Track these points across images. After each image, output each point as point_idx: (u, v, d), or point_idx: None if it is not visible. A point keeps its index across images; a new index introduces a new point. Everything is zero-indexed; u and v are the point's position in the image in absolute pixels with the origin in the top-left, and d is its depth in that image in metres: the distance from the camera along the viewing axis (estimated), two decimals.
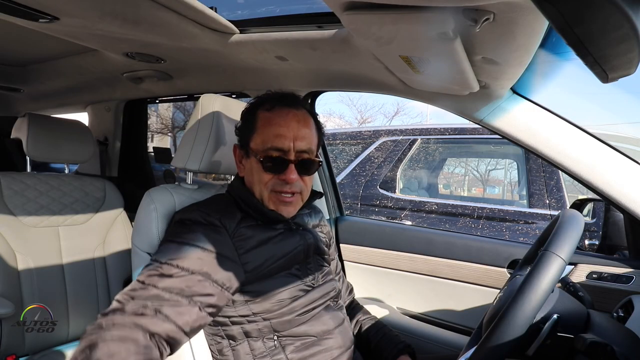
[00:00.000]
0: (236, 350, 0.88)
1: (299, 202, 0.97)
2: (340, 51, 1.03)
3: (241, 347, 0.88)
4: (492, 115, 1.07)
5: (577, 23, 0.33)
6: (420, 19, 0.64)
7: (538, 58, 0.82)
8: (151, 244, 0.94)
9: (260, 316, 0.88)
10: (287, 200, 0.93)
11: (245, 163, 0.98)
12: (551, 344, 0.67)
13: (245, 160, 0.97)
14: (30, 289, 1.37)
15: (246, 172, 0.98)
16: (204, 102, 1.08)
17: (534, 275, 0.62)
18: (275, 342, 0.88)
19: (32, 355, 1.34)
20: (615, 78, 0.43)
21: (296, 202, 0.96)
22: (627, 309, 0.89)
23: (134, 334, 0.67)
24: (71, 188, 1.57)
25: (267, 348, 0.88)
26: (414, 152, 3.32)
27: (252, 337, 0.88)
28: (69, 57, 1.52)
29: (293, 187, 0.92)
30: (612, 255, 1.34)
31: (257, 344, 0.88)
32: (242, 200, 0.95)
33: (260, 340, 0.88)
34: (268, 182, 0.92)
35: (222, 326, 0.89)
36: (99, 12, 0.93)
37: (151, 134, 10.53)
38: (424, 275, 1.51)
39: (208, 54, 1.22)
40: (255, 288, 0.88)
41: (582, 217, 0.71)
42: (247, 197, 0.94)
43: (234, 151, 1.01)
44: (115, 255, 1.62)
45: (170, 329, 0.72)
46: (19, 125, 1.50)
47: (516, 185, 4.66)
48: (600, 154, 0.98)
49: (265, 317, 0.88)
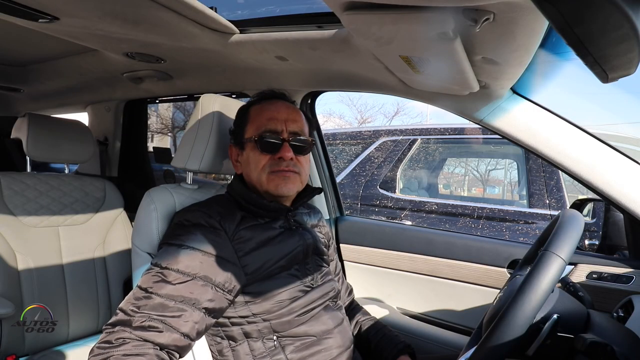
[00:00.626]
0: (236, 351, 0.88)
1: (298, 182, 0.97)
2: (340, 51, 1.03)
3: (241, 348, 0.88)
4: (492, 115, 1.07)
5: (577, 23, 0.33)
6: (420, 19, 0.64)
7: (538, 58, 0.82)
8: (151, 244, 0.94)
9: (260, 317, 0.88)
10: (286, 175, 0.94)
11: (241, 158, 0.99)
12: (551, 344, 0.67)
13: (241, 155, 0.99)
14: (30, 289, 1.37)
15: (243, 167, 0.99)
16: (204, 102, 1.08)
17: (534, 275, 0.62)
18: (275, 342, 0.89)
19: (32, 355, 1.34)
20: (615, 78, 0.43)
21: (295, 180, 0.96)
22: (627, 309, 0.89)
23: (144, 349, 0.68)
24: (71, 188, 1.57)
25: (266, 348, 0.88)
26: (414, 152, 3.32)
27: (252, 338, 0.88)
28: (69, 57, 1.52)
29: (290, 165, 0.94)
30: (612, 255, 1.34)
31: (257, 345, 0.88)
32: (242, 197, 0.95)
33: (260, 340, 0.88)
34: (265, 164, 0.94)
35: (222, 327, 0.89)
36: (99, 12, 0.93)
37: (151, 134, 10.53)
38: (424, 275, 1.51)
39: (208, 54, 1.22)
40: (255, 289, 0.88)
41: (582, 217, 0.71)
42: (246, 193, 0.95)
43: (230, 152, 1.03)
44: (115, 255, 1.62)
45: (177, 338, 0.73)
46: (19, 125, 1.50)
47: (516, 185, 4.66)
48: (600, 154, 0.98)
49: (265, 318, 0.88)
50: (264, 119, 0.96)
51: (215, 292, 0.80)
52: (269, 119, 0.95)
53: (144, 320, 0.72)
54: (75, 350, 1.39)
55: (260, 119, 0.96)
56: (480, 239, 1.48)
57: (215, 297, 0.80)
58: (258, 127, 0.95)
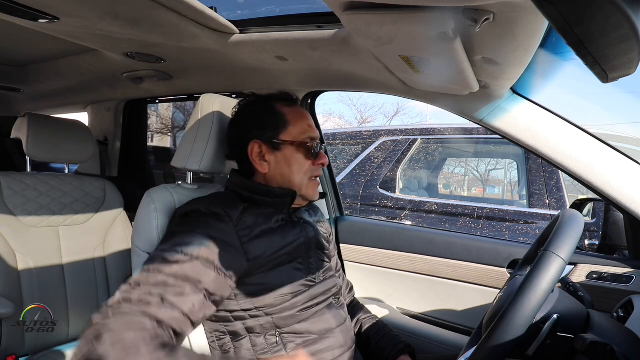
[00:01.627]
0: (238, 347, 0.88)
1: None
2: (340, 51, 1.03)
3: (243, 342, 0.88)
4: (492, 115, 1.07)
5: (577, 23, 0.33)
6: (420, 19, 0.64)
7: (538, 58, 0.82)
8: (151, 244, 0.94)
9: (263, 311, 0.88)
10: (318, 183, 1.03)
11: (271, 157, 0.98)
12: (551, 344, 0.67)
13: (270, 155, 0.98)
14: (30, 289, 1.37)
15: (273, 167, 0.98)
16: (204, 102, 1.08)
17: (534, 275, 0.62)
18: (277, 338, 0.89)
19: (32, 355, 1.34)
20: (615, 78, 0.43)
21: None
22: (627, 309, 0.89)
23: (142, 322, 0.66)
24: (71, 188, 1.57)
25: (268, 344, 0.88)
26: (414, 152, 3.32)
27: (255, 333, 0.89)
28: (69, 57, 1.52)
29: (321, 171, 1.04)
30: (612, 255, 1.34)
31: (259, 340, 0.88)
32: (244, 188, 0.96)
33: (262, 336, 0.88)
34: (308, 169, 0.99)
35: (224, 322, 0.89)
36: (99, 12, 0.93)
37: (151, 134, 10.53)
38: (424, 275, 1.52)
39: (208, 54, 1.22)
40: (258, 281, 0.88)
41: (582, 217, 0.71)
42: (249, 183, 0.98)
43: (251, 148, 0.98)
44: (115, 255, 1.62)
45: (176, 316, 0.71)
46: (19, 125, 1.50)
47: (516, 185, 4.66)
48: (600, 154, 0.98)
49: (267, 312, 0.88)
50: (305, 125, 0.99)
51: (217, 274, 0.80)
52: (309, 126, 1.00)
53: (144, 294, 0.71)
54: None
55: (302, 125, 0.99)
56: (480, 239, 1.48)
57: (217, 280, 0.80)
58: (301, 132, 0.98)
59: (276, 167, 0.98)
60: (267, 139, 0.97)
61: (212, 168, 1.07)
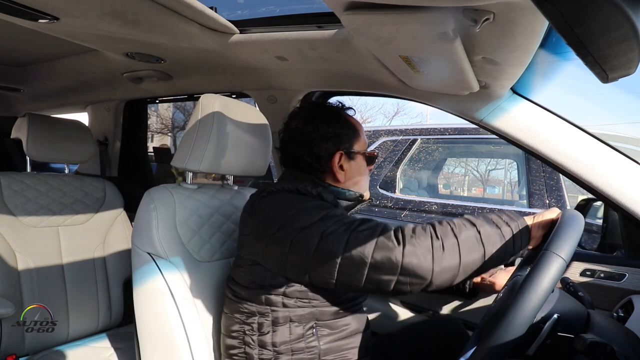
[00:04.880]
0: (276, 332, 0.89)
1: None
2: (340, 51, 1.03)
3: (281, 329, 0.89)
4: (492, 116, 1.07)
5: (577, 23, 0.33)
6: (420, 19, 0.64)
7: (538, 58, 0.82)
8: (151, 244, 0.94)
9: (312, 302, 0.89)
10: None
11: (347, 166, 1.02)
12: (551, 344, 0.67)
13: (347, 163, 1.02)
14: (30, 289, 1.37)
15: (348, 175, 1.03)
16: (204, 102, 1.08)
17: (534, 275, 0.62)
18: (313, 329, 0.91)
19: (32, 355, 1.34)
20: (615, 78, 0.43)
21: None
22: (627, 309, 0.89)
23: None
24: (71, 188, 1.57)
25: (304, 334, 0.90)
26: (414, 152, 3.32)
27: (294, 322, 0.90)
28: (69, 57, 1.52)
29: None
30: (611, 253, 1.34)
31: (298, 330, 0.90)
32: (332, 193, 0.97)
33: (300, 326, 0.90)
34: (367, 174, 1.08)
35: (272, 306, 0.89)
36: (99, 12, 0.93)
37: (151, 134, 10.53)
38: None
39: (208, 54, 1.22)
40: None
41: (582, 217, 0.71)
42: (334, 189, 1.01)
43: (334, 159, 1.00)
44: (115, 255, 1.62)
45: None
46: (19, 125, 1.50)
47: (516, 185, 4.66)
48: (600, 154, 0.98)
49: (314, 305, 0.89)
50: (364, 135, 1.07)
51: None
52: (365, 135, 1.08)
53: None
54: (75, 350, 1.39)
55: (364, 135, 1.07)
56: None
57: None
58: (365, 142, 1.07)
59: (351, 176, 1.03)
60: (346, 149, 1.03)
61: (211, 168, 1.07)
